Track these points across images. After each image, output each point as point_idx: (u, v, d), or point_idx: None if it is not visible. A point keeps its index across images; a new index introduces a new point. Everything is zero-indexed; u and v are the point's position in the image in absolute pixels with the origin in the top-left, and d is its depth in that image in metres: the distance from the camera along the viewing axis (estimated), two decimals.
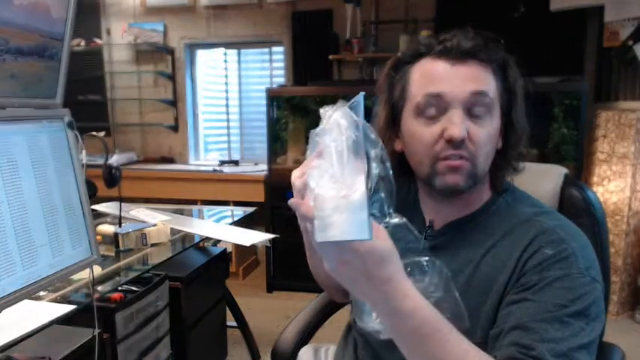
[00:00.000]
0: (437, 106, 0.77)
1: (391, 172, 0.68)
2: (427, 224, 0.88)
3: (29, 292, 0.92)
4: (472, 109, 0.76)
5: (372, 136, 0.66)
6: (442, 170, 0.77)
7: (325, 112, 0.66)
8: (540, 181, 1.03)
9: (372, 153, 0.66)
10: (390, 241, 0.61)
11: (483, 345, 0.71)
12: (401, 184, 0.96)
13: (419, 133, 0.79)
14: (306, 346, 1.23)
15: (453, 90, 0.75)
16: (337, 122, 0.63)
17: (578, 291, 0.69)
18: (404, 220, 0.70)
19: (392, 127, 0.86)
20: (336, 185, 0.57)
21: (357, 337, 0.99)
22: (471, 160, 0.76)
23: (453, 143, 0.75)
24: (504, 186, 0.85)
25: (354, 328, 1.01)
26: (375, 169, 0.66)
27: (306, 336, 1.25)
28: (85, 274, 1.18)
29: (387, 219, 0.68)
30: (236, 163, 4.05)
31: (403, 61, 0.83)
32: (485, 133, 0.76)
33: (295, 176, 0.65)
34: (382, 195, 0.68)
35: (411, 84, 0.81)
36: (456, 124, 0.74)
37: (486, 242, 0.80)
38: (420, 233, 0.87)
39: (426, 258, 0.74)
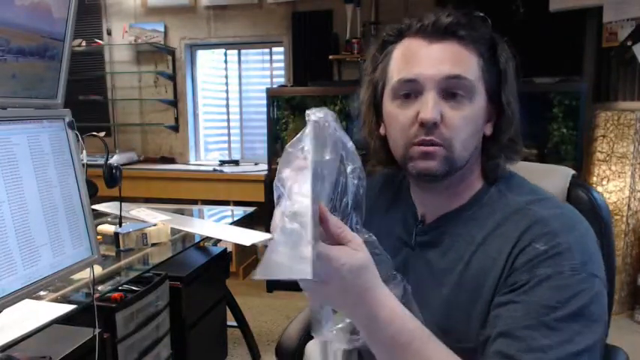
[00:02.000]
0: (412, 89, 0.74)
1: (362, 189, 0.67)
2: (419, 218, 0.84)
3: (30, 292, 0.92)
4: (448, 91, 0.72)
5: (351, 150, 0.65)
6: (415, 155, 0.74)
7: (309, 115, 0.64)
8: (546, 181, 1.00)
9: (349, 168, 0.65)
10: (366, 249, 0.60)
11: (474, 347, 0.69)
12: (392, 176, 0.92)
13: (395, 115, 0.76)
14: (313, 340, 1.23)
15: (426, 72, 0.72)
16: (305, 139, 0.60)
17: (572, 290, 0.63)
18: (373, 237, 0.68)
19: (374, 110, 0.83)
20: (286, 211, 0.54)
21: None
22: (446, 145, 0.72)
23: (425, 127, 0.71)
24: (501, 174, 0.80)
25: None
26: (352, 185, 0.66)
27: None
28: (85, 274, 1.18)
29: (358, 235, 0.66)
30: (236, 162, 4.05)
31: (388, 41, 0.81)
32: (462, 116, 0.72)
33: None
34: (353, 211, 0.67)
35: (390, 65, 0.78)
36: (428, 107, 0.71)
37: (477, 237, 0.75)
38: (410, 228, 0.85)
39: (387, 272, 0.71)
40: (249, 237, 1.91)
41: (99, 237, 1.71)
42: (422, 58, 0.73)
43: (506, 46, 0.77)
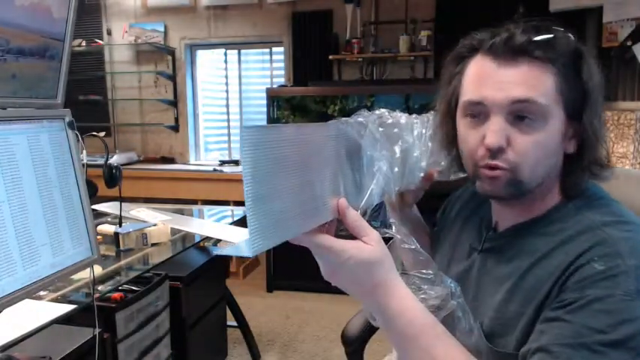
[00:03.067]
0: (478, 111, 0.72)
1: (394, 189, 0.70)
2: (492, 225, 0.84)
3: (30, 292, 0.92)
4: (517, 115, 0.69)
5: (382, 150, 0.70)
6: (482, 177, 0.74)
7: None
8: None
9: (376, 167, 0.69)
10: (381, 245, 0.62)
11: (516, 357, 0.68)
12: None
13: (464, 134, 0.76)
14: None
15: (493, 96, 0.70)
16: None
17: (621, 316, 0.59)
18: (399, 234, 0.72)
19: (450, 122, 0.81)
20: None
21: None
22: (511, 168, 0.70)
23: (490, 152, 0.70)
24: (582, 191, 0.76)
25: None
26: (381, 182, 0.70)
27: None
28: (85, 274, 1.18)
29: (389, 230, 0.71)
30: (236, 162, 4.05)
31: (460, 55, 0.78)
32: (532, 140, 0.69)
33: None
34: (384, 207, 0.72)
35: (463, 82, 0.77)
36: (493, 132, 0.69)
37: (541, 250, 0.72)
38: (482, 234, 0.85)
39: (431, 272, 0.75)
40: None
41: (99, 237, 1.71)
42: (490, 81, 0.71)
43: (593, 63, 0.72)
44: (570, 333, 0.61)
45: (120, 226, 1.84)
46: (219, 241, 2.42)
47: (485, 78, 0.71)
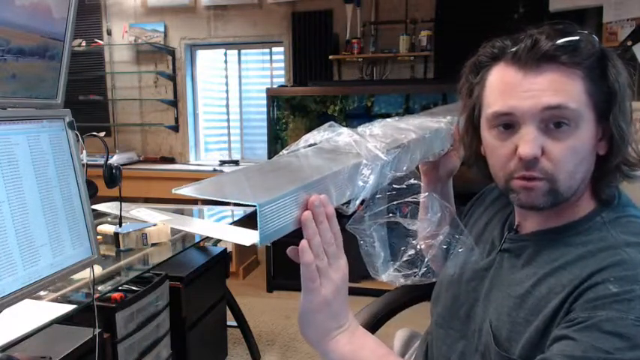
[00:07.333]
0: (509, 121, 0.70)
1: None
2: (514, 226, 0.83)
3: (30, 292, 0.92)
4: (549, 123, 0.68)
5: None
6: (517, 188, 0.72)
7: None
8: None
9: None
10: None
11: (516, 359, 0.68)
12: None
13: (493, 146, 0.74)
14: (403, 329, 1.22)
15: (523, 105, 0.68)
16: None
17: (631, 341, 0.58)
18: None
19: (474, 132, 0.81)
20: None
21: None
22: (548, 178, 0.68)
23: (525, 162, 0.68)
24: (614, 197, 0.74)
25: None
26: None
27: (381, 318, 1.32)
28: (85, 274, 1.18)
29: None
30: (236, 162, 4.05)
31: (480, 64, 0.77)
32: (567, 147, 0.67)
33: None
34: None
35: (485, 91, 0.75)
36: (527, 142, 0.68)
37: (558, 260, 0.71)
38: (503, 234, 0.85)
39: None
40: (249, 237, 1.91)
41: (99, 237, 1.71)
42: (516, 91, 0.69)
43: (619, 62, 0.70)
44: (576, 349, 0.59)
45: (120, 226, 1.83)
46: (219, 241, 2.42)
47: (511, 88, 0.70)
